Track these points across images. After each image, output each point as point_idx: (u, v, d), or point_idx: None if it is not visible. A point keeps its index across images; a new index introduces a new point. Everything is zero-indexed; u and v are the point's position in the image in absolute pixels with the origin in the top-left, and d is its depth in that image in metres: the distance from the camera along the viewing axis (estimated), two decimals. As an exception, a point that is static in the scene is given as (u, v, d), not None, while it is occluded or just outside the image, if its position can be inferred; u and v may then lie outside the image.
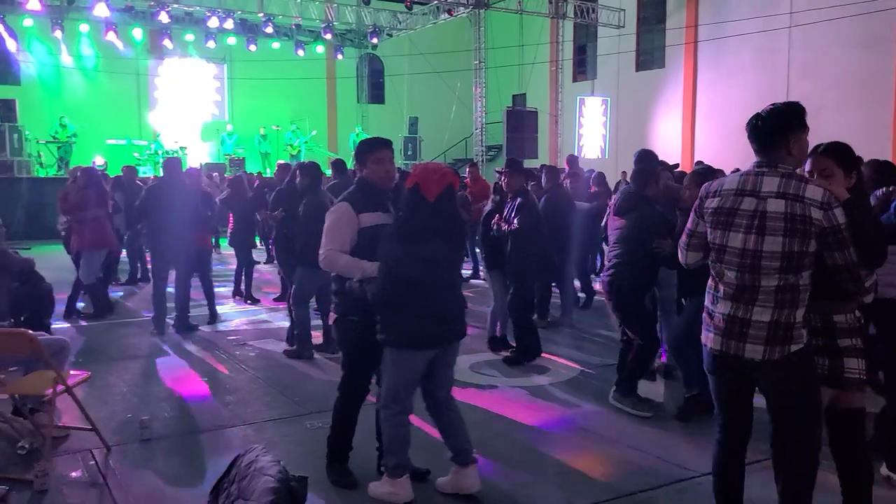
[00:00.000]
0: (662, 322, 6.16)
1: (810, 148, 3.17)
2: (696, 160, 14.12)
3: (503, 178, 6.72)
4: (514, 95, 25.60)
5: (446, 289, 3.73)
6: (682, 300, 5.52)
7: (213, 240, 10.24)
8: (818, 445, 3.01)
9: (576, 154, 17.31)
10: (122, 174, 11.60)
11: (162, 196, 7.64)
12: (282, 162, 11.80)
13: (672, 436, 4.81)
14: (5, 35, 18.22)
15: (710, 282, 3.11)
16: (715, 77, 20.59)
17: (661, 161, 6.52)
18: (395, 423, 3.81)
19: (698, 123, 21.23)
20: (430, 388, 3.89)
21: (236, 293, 9.79)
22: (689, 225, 3.21)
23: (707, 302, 3.11)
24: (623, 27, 22.01)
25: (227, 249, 11.65)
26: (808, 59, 18.12)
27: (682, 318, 5.21)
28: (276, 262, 10.15)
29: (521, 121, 21.04)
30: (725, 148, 17.38)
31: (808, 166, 3.24)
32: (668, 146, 19.90)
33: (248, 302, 9.53)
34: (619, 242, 5.25)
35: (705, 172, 5.24)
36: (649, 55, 22.89)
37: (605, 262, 5.41)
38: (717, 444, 3.22)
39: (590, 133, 21.93)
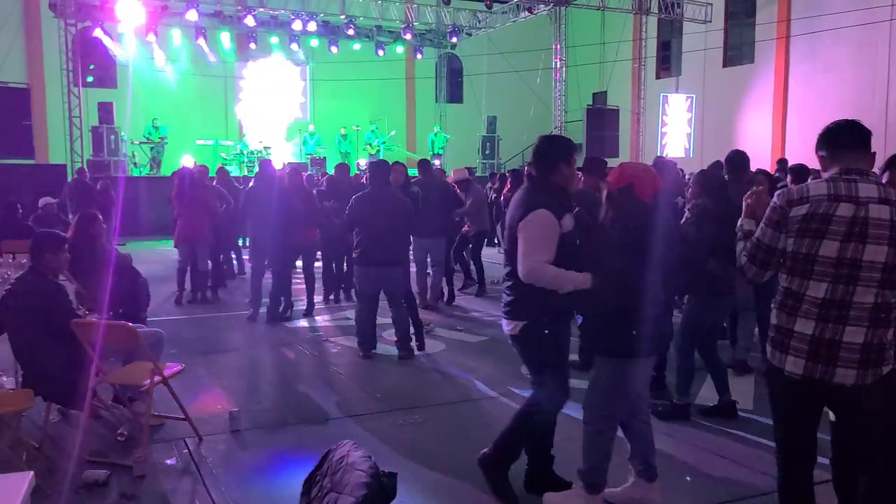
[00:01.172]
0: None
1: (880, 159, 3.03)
2: (778, 159, 13.51)
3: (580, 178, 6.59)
4: (594, 93, 25.19)
5: (659, 291, 3.54)
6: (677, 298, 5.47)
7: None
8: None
9: (659, 153, 16.88)
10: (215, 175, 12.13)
11: (257, 195, 8.04)
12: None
13: (763, 446, 4.60)
14: (104, 39, 19.10)
15: (780, 296, 2.84)
16: (808, 72, 19.70)
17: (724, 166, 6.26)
18: (607, 438, 3.63)
19: (790, 121, 20.35)
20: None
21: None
22: (766, 240, 2.83)
23: (778, 320, 2.83)
24: (710, 22, 21.34)
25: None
26: (911, 52, 17.13)
27: (688, 321, 5.12)
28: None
29: (601, 119, 20.69)
30: (819, 146, 16.60)
31: (885, 177, 3.07)
32: (757, 144, 19.17)
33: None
34: None
35: (711, 174, 5.40)
36: (737, 50, 22.10)
37: None
38: (784, 472, 2.97)
39: (674, 131, 21.38)
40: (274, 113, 22.82)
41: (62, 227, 8.15)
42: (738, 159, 5.99)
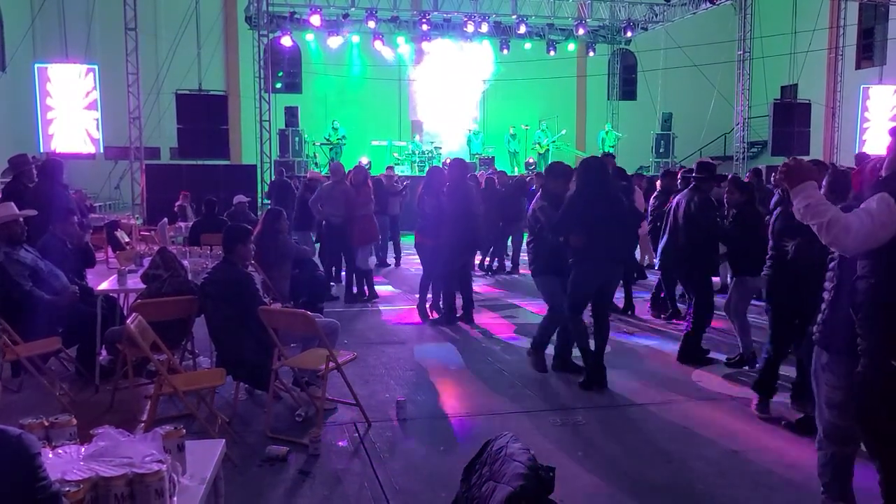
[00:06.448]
0: None
1: None
2: None
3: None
4: (782, 87, 23.41)
5: None
6: None
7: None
8: None
9: (858, 150, 15.44)
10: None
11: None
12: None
13: None
14: (291, 47, 20.49)
15: None
16: None
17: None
18: None
19: None
20: None
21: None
22: None
23: None
24: (921, 4, 19.17)
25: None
26: None
27: None
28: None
29: (790, 114, 19.26)
30: None
31: None
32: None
33: None
34: None
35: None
36: (956, 34, 19.67)
37: None
38: None
39: (875, 127, 19.40)
40: (445, 114, 23.40)
41: (250, 222, 8.84)
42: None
